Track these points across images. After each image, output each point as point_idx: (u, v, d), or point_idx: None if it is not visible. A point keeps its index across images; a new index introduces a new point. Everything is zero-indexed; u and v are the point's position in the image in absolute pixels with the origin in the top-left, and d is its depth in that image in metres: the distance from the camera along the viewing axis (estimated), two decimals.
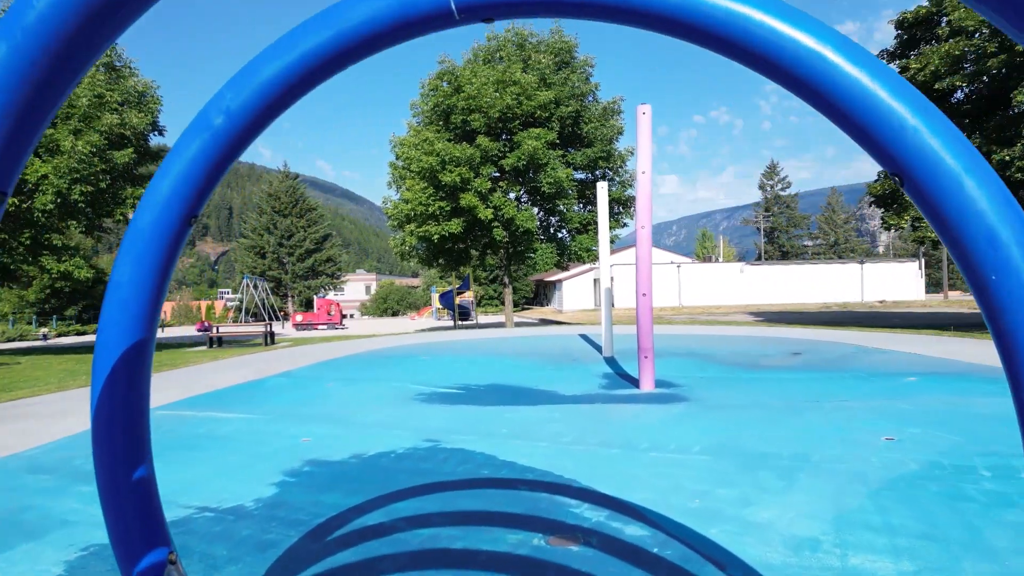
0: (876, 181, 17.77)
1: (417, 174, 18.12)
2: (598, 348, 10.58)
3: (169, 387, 7.40)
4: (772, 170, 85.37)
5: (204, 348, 18.87)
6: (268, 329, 19.28)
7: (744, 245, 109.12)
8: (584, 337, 12.64)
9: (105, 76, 16.43)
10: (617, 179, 20.90)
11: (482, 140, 17.83)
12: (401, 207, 19.01)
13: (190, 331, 33.56)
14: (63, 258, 18.25)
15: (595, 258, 20.75)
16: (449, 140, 18.29)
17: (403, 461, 3.99)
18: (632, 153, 20.87)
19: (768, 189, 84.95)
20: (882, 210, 18.73)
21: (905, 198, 16.60)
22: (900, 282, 47.19)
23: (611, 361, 8.86)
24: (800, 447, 4.02)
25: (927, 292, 50.70)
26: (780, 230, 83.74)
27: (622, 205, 21.07)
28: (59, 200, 15.18)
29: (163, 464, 1.75)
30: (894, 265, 48.81)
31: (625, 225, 21.49)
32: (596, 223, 20.95)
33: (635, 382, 6.87)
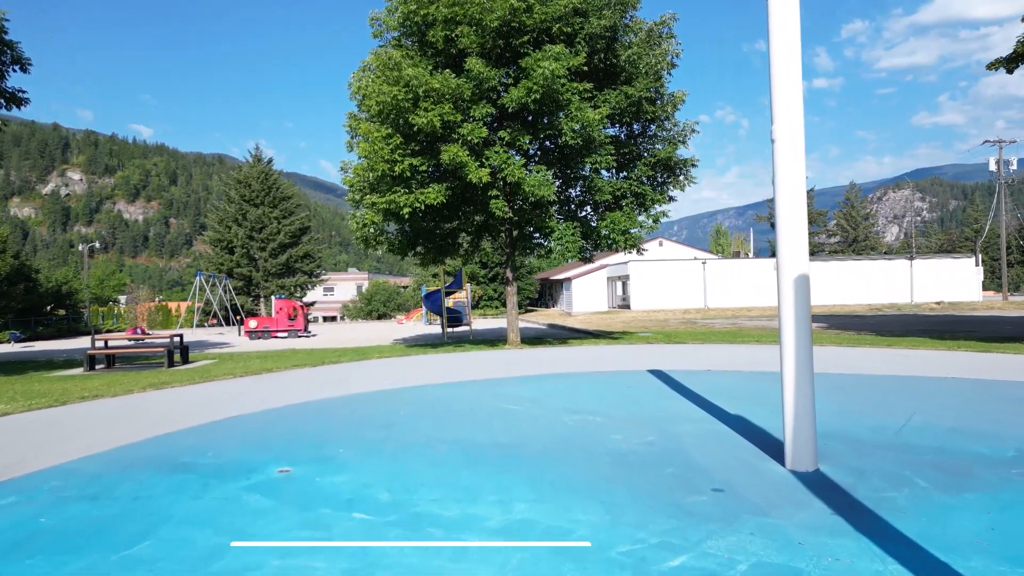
0: None
1: (377, 115, 12.10)
2: (728, 419, 4.28)
3: None
4: None
5: (80, 371, 12.90)
6: (173, 344, 13.21)
7: (755, 243, 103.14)
8: (662, 379, 6.56)
9: None
10: (663, 133, 14.76)
11: (474, 64, 11.81)
12: (358, 171, 13.00)
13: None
14: None
15: (634, 244, 14.69)
16: (426, 68, 12.28)
17: None
18: (684, 100, 14.75)
19: None
20: None
21: None
22: (954, 281, 41.98)
23: (847, 507, 2.86)
24: None
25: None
26: None
27: (670, 171, 14.93)
28: None
29: None
30: (948, 262, 43.34)
31: (672, 200, 15.24)
32: (634, 195, 14.81)
33: None
